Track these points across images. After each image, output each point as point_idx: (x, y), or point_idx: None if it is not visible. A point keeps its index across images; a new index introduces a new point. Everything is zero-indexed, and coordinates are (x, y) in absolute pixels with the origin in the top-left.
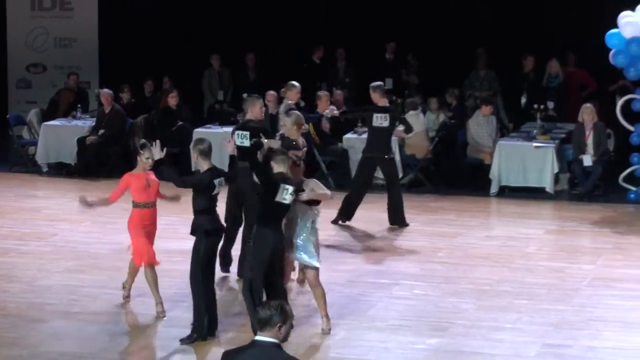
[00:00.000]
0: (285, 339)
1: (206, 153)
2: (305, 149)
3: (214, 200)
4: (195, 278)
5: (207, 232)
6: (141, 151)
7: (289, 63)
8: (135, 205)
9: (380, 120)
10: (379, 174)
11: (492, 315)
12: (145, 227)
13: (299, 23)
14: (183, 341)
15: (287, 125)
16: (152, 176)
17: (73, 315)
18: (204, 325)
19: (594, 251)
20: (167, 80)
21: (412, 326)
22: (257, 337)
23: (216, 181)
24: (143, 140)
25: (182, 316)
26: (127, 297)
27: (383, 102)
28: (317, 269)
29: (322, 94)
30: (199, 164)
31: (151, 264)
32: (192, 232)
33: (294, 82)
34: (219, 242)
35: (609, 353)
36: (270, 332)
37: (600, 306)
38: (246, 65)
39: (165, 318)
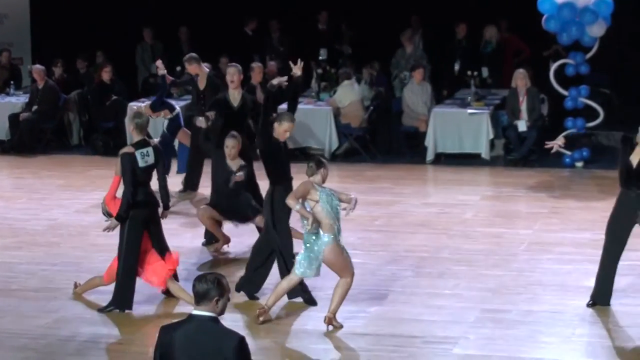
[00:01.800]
0: (222, 312)
1: (142, 127)
2: None
3: (144, 173)
4: (120, 247)
5: (137, 203)
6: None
7: (221, 36)
8: None
9: None
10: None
11: (431, 282)
12: None
13: None
14: (101, 310)
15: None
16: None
17: (11, 292)
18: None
19: (531, 216)
20: (101, 55)
21: (350, 295)
22: (194, 312)
23: (139, 152)
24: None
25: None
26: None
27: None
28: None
29: (255, 65)
30: (133, 136)
31: None
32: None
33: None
34: (150, 214)
35: (548, 317)
36: (208, 306)
37: (538, 270)
38: (179, 38)
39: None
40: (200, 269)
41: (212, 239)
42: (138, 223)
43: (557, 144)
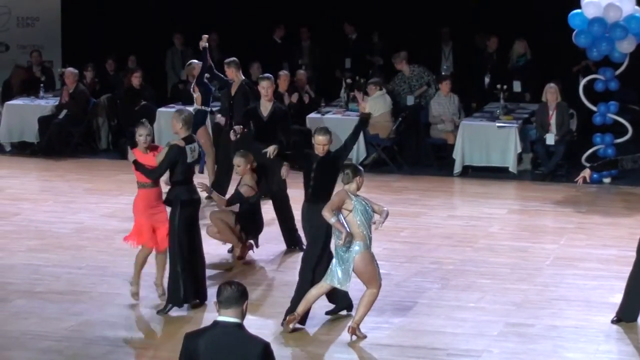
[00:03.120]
0: (244, 318)
1: (189, 122)
2: None
3: (189, 169)
4: (172, 247)
5: (182, 202)
6: (136, 129)
7: (251, 43)
8: (141, 185)
9: None
10: None
11: (455, 294)
12: (153, 209)
13: (260, 2)
14: (160, 312)
15: None
16: (148, 156)
17: (36, 294)
18: (180, 294)
19: (557, 231)
20: (132, 60)
21: (375, 305)
22: (220, 318)
23: (188, 147)
24: (143, 120)
25: (145, 296)
26: (135, 295)
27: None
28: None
29: (282, 73)
30: (180, 134)
31: (148, 247)
32: (168, 203)
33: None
34: (195, 212)
35: (571, 332)
36: (235, 312)
37: (563, 285)
38: (209, 44)
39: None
40: (224, 276)
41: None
42: (187, 223)
43: (583, 177)
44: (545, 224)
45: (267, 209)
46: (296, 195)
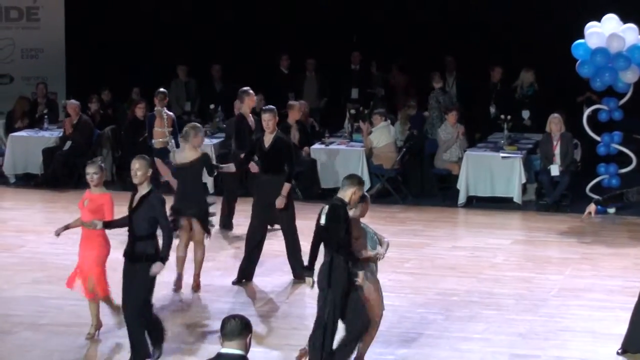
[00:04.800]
0: (248, 351)
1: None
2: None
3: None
4: (146, 307)
5: (156, 257)
6: (86, 167)
7: (255, 73)
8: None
9: None
10: None
11: (460, 325)
12: (81, 250)
13: (264, 33)
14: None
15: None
16: (100, 196)
17: (40, 327)
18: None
19: (562, 261)
20: (136, 91)
21: (379, 336)
22: (223, 350)
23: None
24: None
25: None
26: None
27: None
28: None
29: (294, 103)
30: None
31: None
32: (139, 259)
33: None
34: None
35: None
36: (238, 344)
37: (568, 316)
38: (212, 76)
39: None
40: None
41: (243, 277)
42: None
43: (589, 212)
44: (550, 255)
45: (274, 240)
46: (303, 227)
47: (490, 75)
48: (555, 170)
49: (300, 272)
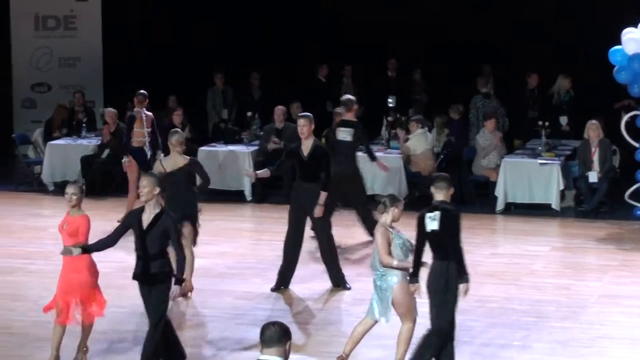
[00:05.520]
0: (288, 357)
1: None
2: None
3: None
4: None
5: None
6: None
7: (293, 81)
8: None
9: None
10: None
11: (500, 332)
12: (64, 275)
13: (302, 41)
14: None
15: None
16: (77, 219)
17: (78, 333)
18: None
19: (601, 268)
20: (172, 99)
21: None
22: (262, 357)
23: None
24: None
25: (187, 334)
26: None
27: (348, 116)
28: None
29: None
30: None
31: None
32: (155, 280)
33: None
34: None
35: None
36: (277, 351)
37: (608, 323)
38: (251, 84)
39: None
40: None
41: (281, 284)
42: None
43: None
44: (588, 262)
45: (312, 247)
46: (344, 233)
47: (527, 81)
48: (593, 176)
49: (338, 279)
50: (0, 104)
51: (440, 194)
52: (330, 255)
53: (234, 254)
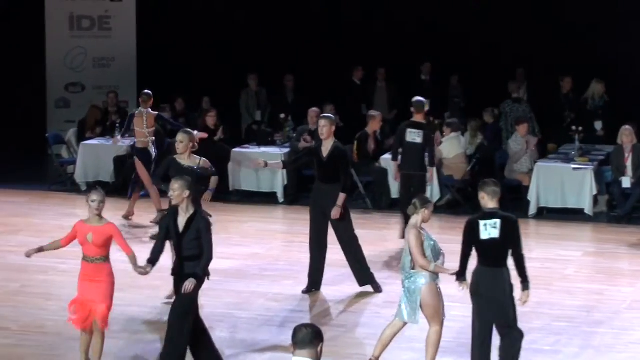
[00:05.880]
0: (320, 359)
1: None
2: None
3: None
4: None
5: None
6: (89, 194)
7: (327, 83)
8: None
9: (413, 136)
10: None
11: (531, 337)
12: (85, 284)
13: (337, 43)
14: None
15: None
16: (106, 228)
17: (111, 333)
18: None
19: (633, 274)
20: (206, 100)
21: (450, 348)
22: (295, 358)
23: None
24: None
25: (219, 336)
26: None
27: (418, 118)
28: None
29: (376, 113)
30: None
31: (86, 329)
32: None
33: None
34: None
35: None
36: (309, 353)
37: None
38: (285, 86)
39: None
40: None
41: (312, 286)
42: None
43: None
44: (621, 267)
45: (337, 250)
46: (373, 236)
47: (561, 85)
48: (626, 182)
49: (366, 278)
50: (34, 103)
51: (493, 201)
52: (356, 256)
53: (266, 256)
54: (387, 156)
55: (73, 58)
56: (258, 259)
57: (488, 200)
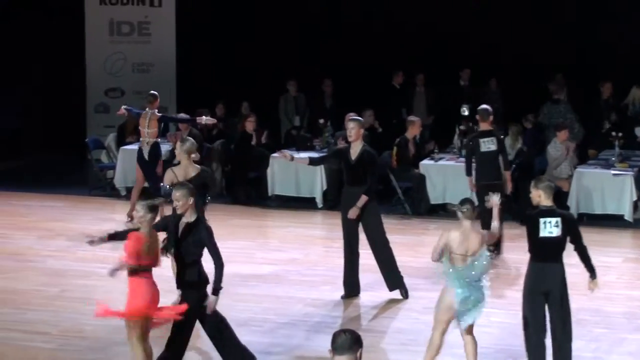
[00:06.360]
0: None
1: None
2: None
3: None
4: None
5: (200, 283)
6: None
7: (366, 88)
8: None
9: (488, 144)
10: None
11: (572, 344)
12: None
13: (376, 49)
14: None
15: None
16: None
17: (157, 339)
18: None
19: None
20: (245, 106)
21: (489, 354)
22: None
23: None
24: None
25: (257, 340)
26: None
27: (485, 126)
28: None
29: (415, 119)
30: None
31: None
32: (186, 286)
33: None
34: None
35: None
36: (349, 358)
37: None
38: (323, 91)
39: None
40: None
41: (350, 291)
42: None
43: None
44: None
45: (369, 255)
46: (412, 242)
47: (601, 91)
48: None
49: (396, 283)
50: (74, 108)
51: (549, 199)
52: (388, 260)
53: (305, 261)
54: (426, 162)
55: (113, 63)
56: (297, 264)
57: (544, 198)
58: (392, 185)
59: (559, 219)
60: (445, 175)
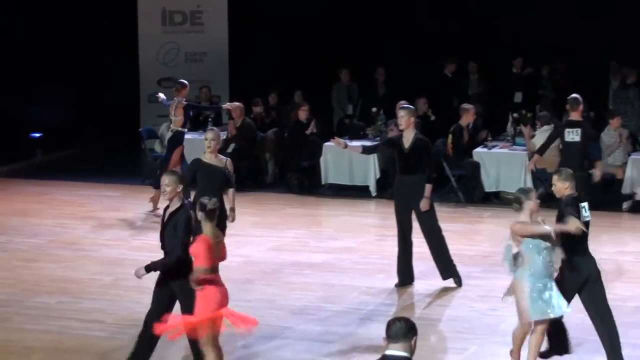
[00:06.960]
0: (413, 353)
1: None
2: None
3: None
4: None
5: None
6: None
7: (418, 77)
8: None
9: (572, 135)
10: None
11: (624, 331)
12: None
13: (429, 38)
14: None
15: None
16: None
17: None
18: None
19: None
20: (298, 94)
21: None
22: (388, 352)
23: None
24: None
25: (311, 329)
26: None
27: (575, 116)
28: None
29: (469, 106)
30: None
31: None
32: (169, 275)
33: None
34: None
35: None
36: (403, 346)
37: None
38: (376, 79)
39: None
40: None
41: (404, 279)
42: None
43: None
44: None
45: (423, 243)
46: (466, 230)
47: None
48: None
49: (449, 271)
50: (127, 98)
51: (574, 188)
52: (441, 248)
53: (359, 249)
54: (480, 149)
55: (165, 53)
56: (351, 252)
57: (571, 188)
58: (445, 174)
59: (587, 204)
60: (499, 163)
